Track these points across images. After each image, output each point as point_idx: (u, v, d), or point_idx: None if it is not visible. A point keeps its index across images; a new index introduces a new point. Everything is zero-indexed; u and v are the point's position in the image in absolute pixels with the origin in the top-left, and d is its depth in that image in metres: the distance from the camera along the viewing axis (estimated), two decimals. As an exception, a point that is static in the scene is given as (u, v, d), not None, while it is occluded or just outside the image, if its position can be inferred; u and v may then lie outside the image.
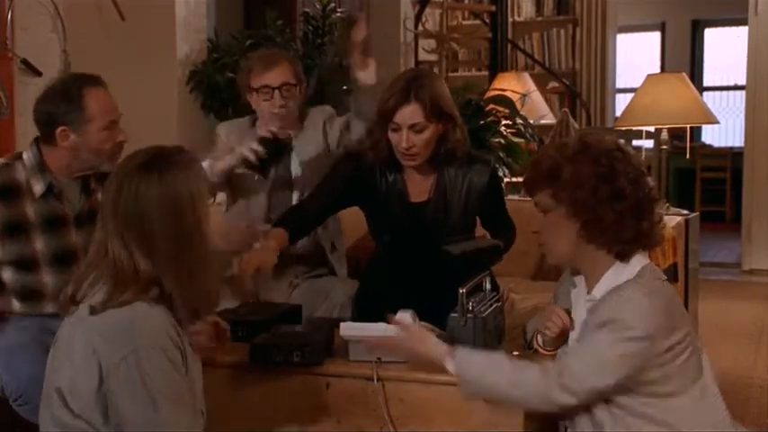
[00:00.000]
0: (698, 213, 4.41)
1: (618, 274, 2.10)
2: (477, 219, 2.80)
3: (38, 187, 2.60)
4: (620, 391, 2.02)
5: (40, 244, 2.61)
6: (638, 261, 2.11)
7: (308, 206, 2.87)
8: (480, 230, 2.76)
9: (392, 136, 2.68)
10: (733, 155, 9.90)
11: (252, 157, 2.94)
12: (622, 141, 2.45)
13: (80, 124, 2.56)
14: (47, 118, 2.58)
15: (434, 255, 2.60)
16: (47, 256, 2.62)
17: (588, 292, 2.16)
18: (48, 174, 2.61)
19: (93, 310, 1.86)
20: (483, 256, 2.53)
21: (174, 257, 1.90)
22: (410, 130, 2.64)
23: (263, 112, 3.12)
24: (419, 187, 2.78)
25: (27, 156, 2.62)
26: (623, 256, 2.10)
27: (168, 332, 1.86)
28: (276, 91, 3.06)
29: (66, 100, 2.56)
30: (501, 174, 4.56)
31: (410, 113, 2.63)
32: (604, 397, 2.03)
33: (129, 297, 1.85)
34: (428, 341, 2.19)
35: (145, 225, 1.89)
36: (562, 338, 2.23)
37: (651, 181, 2.14)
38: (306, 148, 3.15)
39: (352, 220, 3.21)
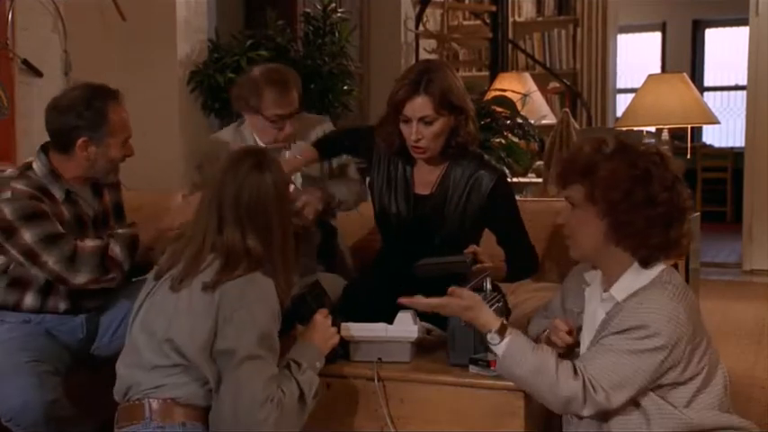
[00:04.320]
0: (699, 213, 4.40)
1: (637, 275, 2.10)
2: (484, 232, 2.77)
3: (58, 194, 2.65)
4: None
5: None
6: (658, 264, 2.10)
7: (332, 138, 3.07)
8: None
9: (403, 127, 2.69)
10: (734, 155, 9.91)
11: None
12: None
13: (102, 137, 2.64)
14: (67, 128, 2.62)
15: (431, 252, 2.59)
16: None
17: (605, 290, 2.15)
18: (63, 181, 2.66)
19: (206, 286, 2.12)
20: (449, 273, 2.48)
21: (281, 243, 2.21)
22: (420, 122, 2.64)
23: (266, 130, 3.10)
24: (425, 179, 2.78)
25: (37, 165, 2.66)
26: (646, 262, 2.09)
27: (277, 298, 2.16)
28: (287, 120, 3.07)
29: (90, 112, 2.62)
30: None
31: (419, 106, 2.63)
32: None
33: (242, 272, 2.13)
34: (478, 309, 2.17)
35: (265, 216, 2.20)
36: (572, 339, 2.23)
37: (686, 190, 2.11)
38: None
39: (353, 222, 3.21)
